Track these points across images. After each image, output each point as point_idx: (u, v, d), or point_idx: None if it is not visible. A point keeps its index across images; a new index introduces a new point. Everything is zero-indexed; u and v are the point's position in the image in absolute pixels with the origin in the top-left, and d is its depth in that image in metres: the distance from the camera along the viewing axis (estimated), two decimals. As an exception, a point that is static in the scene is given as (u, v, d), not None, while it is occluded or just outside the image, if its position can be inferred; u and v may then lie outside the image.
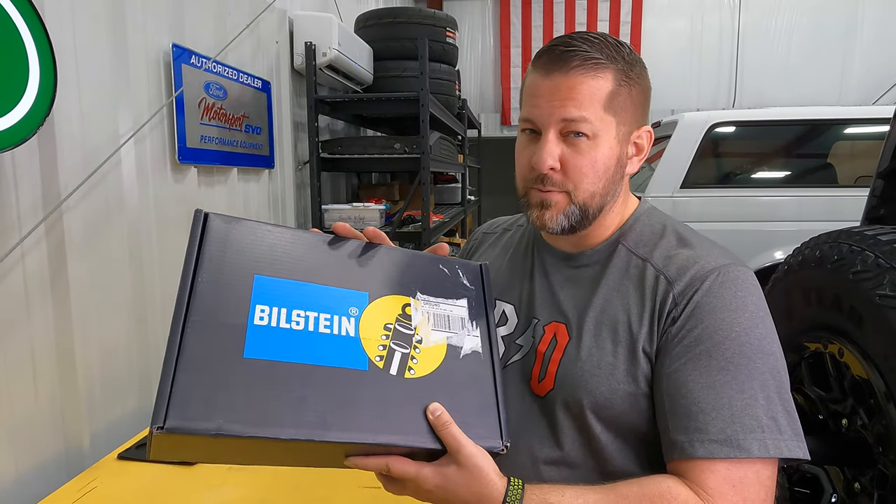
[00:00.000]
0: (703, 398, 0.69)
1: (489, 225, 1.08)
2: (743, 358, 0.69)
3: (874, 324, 1.29)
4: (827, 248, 1.51)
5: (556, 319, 0.82)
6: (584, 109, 0.73)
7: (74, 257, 1.56)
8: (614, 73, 0.75)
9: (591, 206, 0.78)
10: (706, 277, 0.73)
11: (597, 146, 0.75)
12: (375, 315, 0.71)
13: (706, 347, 0.70)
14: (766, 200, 3.57)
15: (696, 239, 0.81)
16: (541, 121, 0.76)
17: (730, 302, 0.72)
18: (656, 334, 0.74)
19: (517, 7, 7.08)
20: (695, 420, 0.68)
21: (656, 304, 0.75)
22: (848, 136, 3.77)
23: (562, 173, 0.76)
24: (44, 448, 1.50)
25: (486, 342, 0.77)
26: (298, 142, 3.14)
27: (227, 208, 2.38)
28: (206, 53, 2.14)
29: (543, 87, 0.76)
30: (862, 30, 6.54)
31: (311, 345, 0.65)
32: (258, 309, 0.65)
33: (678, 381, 0.71)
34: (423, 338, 0.72)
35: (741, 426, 0.67)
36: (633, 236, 0.83)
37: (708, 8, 6.82)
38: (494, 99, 7.37)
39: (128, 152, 1.76)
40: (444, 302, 0.77)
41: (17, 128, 1.30)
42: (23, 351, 1.44)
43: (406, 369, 0.69)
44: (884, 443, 1.29)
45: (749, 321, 0.71)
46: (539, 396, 0.81)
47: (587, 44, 0.75)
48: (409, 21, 3.52)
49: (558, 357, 0.79)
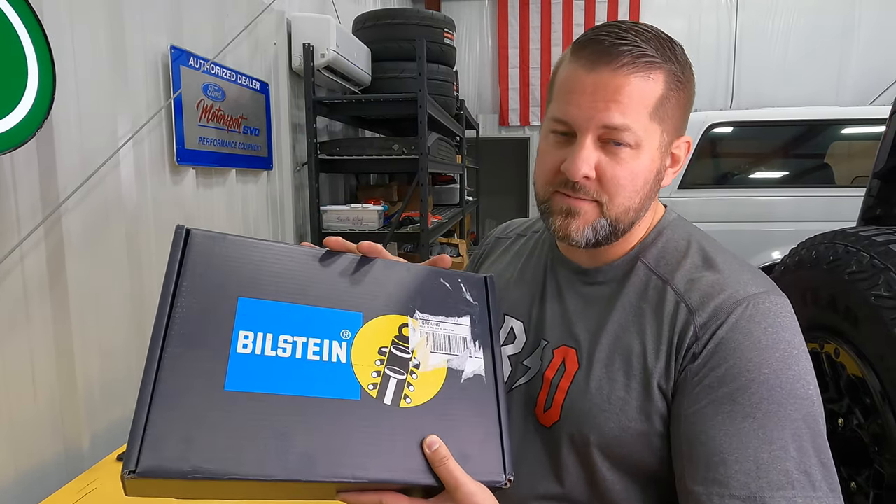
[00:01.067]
0: (725, 447, 0.61)
1: (503, 229, 1.00)
2: (772, 404, 0.61)
3: (870, 324, 1.30)
4: (823, 248, 1.52)
5: (567, 343, 0.75)
6: (629, 116, 0.64)
7: (73, 259, 1.56)
8: (666, 74, 0.66)
9: (623, 221, 0.70)
10: (733, 309, 0.65)
11: (638, 157, 0.67)
12: (370, 338, 0.66)
13: (730, 390, 0.62)
14: (764, 201, 3.58)
15: (724, 259, 0.71)
16: (578, 122, 0.66)
17: (759, 339, 0.63)
18: (674, 370, 0.66)
19: (515, 8, 7.09)
20: (714, 471, 0.60)
21: (674, 336, 0.67)
22: (845, 137, 3.78)
23: (596, 182, 0.67)
24: (43, 449, 1.51)
25: (490, 364, 0.70)
26: (297, 143, 3.14)
27: (226, 210, 2.39)
28: (205, 55, 2.14)
29: (586, 83, 0.65)
30: (859, 30, 6.56)
31: (298, 374, 0.60)
32: (241, 335, 0.60)
33: (697, 425, 0.63)
34: (421, 361, 0.67)
35: (767, 482, 0.58)
36: (655, 252, 0.74)
37: (705, 8, 6.83)
38: (492, 100, 7.37)
39: (126, 154, 1.77)
40: (445, 321, 0.71)
41: (16, 130, 1.30)
42: (22, 353, 1.44)
43: (402, 398, 0.64)
44: (879, 442, 1.30)
45: (780, 361, 0.62)
46: (544, 427, 0.74)
47: (640, 37, 0.65)
48: (407, 22, 3.53)
49: (566, 386, 0.72)
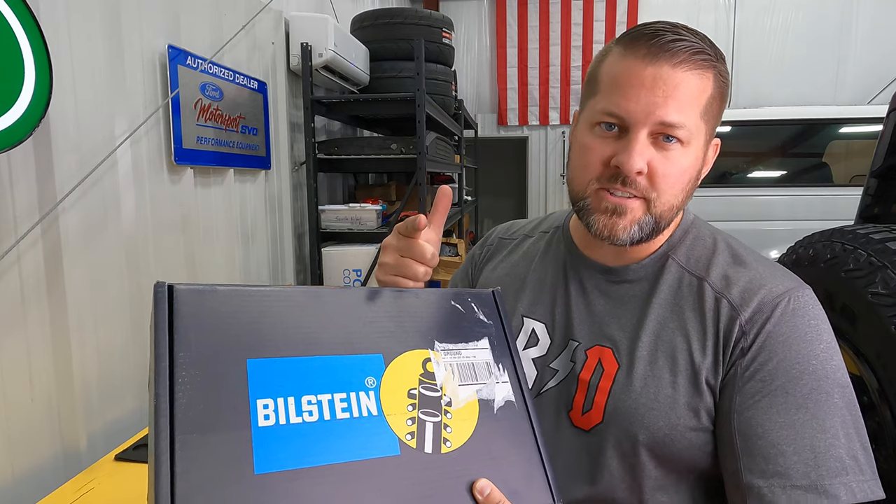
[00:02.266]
0: (782, 439, 0.62)
1: (506, 229, 0.98)
2: (822, 393, 0.63)
3: (866, 322, 1.30)
4: (820, 246, 1.52)
5: (601, 343, 0.73)
6: (684, 113, 0.64)
7: (71, 259, 1.56)
8: (715, 74, 0.67)
9: (666, 219, 0.70)
10: (776, 304, 0.66)
11: (687, 155, 0.67)
12: (396, 380, 0.60)
13: (782, 383, 0.64)
14: (762, 200, 3.58)
15: (751, 256, 0.73)
16: (634, 116, 0.65)
17: (805, 332, 0.65)
18: (722, 366, 0.67)
19: (513, 8, 7.09)
20: (774, 463, 0.62)
21: (720, 332, 0.67)
22: (843, 136, 3.79)
23: (647, 178, 0.67)
24: (40, 450, 1.50)
25: (517, 386, 0.67)
26: (295, 143, 3.14)
27: (224, 210, 2.38)
28: (202, 54, 2.14)
29: (644, 76, 0.64)
30: (857, 29, 6.57)
31: (331, 438, 0.54)
32: (260, 405, 0.53)
33: (753, 419, 0.64)
34: (452, 398, 0.62)
35: (826, 469, 0.61)
36: (684, 250, 0.75)
37: (703, 7, 6.84)
38: (491, 99, 7.37)
39: (124, 154, 1.76)
40: (466, 347, 0.67)
41: (13, 129, 1.30)
42: (19, 352, 1.44)
43: (442, 442, 0.59)
44: (876, 440, 1.30)
45: (825, 352, 0.65)
46: (581, 430, 0.73)
47: (695, 35, 0.66)
48: (406, 22, 3.53)
49: (607, 387, 0.71)
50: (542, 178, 7.44)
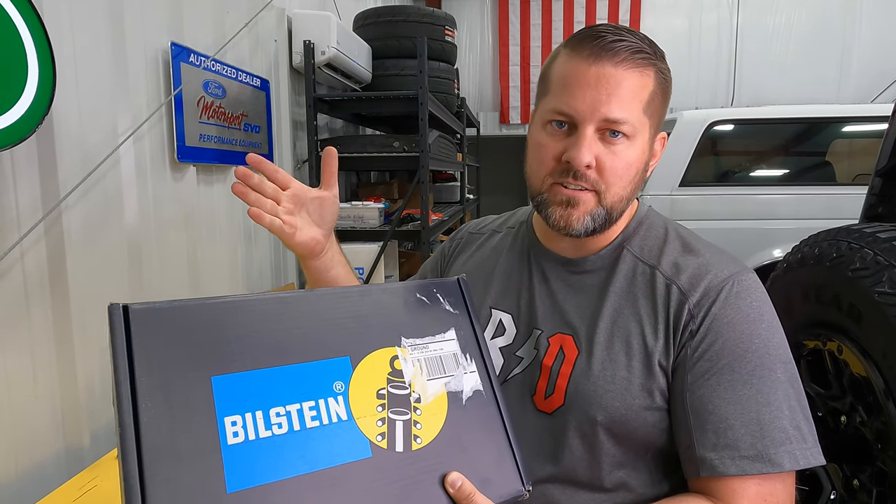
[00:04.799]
0: (730, 414, 0.67)
1: (475, 224, 1.02)
2: (765, 370, 0.68)
3: (873, 321, 1.29)
4: (826, 245, 1.51)
5: (562, 331, 0.78)
6: (627, 109, 0.69)
7: (74, 256, 1.56)
8: (656, 72, 0.71)
9: (617, 210, 0.74)
10: (721, 288, 0.71)
11: (632, 148, 0.71)
12: (364, 382, 0.60)
13: (728, 361, 0.69)
14: (765, 199, 3.57)
15: (700, 244, 0.78)
16: (581, 114, 0.69)
17: (747, 313, 0.70)
18: (673, 348, 0.71)
19: (516, 6, 7.07)
20: (724, 437, 0.67)
21: (670, 316, 0.72)
22: (846, 134, 3.77)
23: (596, 171, 0.71)
24: (43, 447, 1.50)
25: (484, 373, 0.69)
26: (297, 140, 3.14)
27: (227, 208, 2.38)
28: (205, 52, 2.14)
29: (589, 76, 0.68)
30: (860, 28, 6.54)
31: (302, 448, 0.54)
32: (228, 422, 0.52)
33: (703, 396, 0.69)
34: (421, 394, 0.63)
35: (771, 440, 0.66)
36: (638, 241, 0.79)
37: (706, 7, 6.81)
38: (493, 97, 7.36)
39: (127, 151, 1.76)
40: (433, 340, 0.67)
41: (16, 126, 1.30)
42: (23, 350, 1.43)
43: (412, 439, 0.60)
44: (883, 440, 1.30)
45: (766, 331, 0.70)
46: (544, 413, 0.77)
47: (635, 35, 0.70)
48: (408, 19, 3.51)
49: (568, 371, 0.75)
50: (544, 177, 7.42)
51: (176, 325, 0.54)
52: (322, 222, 0.87)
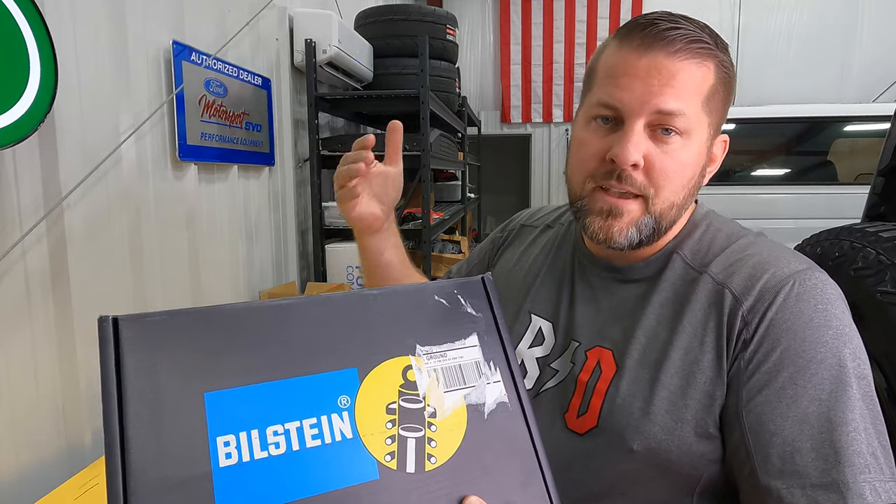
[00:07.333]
0: (796, 435, 0.57)
1: (529, 216, 0.93)
2: (835, 383, 0.57)
3: (875, 320, 1.29)
4: (828, 244, 1.51)
5: (601, 344, 0.70)
6: (683, 101, 0.61)
7: (75, 254, 1.56)
8: (717, 64, 0.63)
9: (667, 218, 0.65)
10: (780, 289, 0.61)
11: (687, 147, 0.63)
12: (372, 396, 0.55)
13: (790, 374, 0.58)
14: (767, 198, 3.57)
15: (763, 243, 0.68)
16: (629, 106, 0.62)
17: (811, 317, 0.59)
18: (725, 361, 0.61)
19: (517, 5, 7.07)
20: (790, 462, 0.56)
21: (723, 325, 0.62)
22: (848, 134, 3.77)
23: (643, 173, 0.63)
24: (45, 445, 1.50)
25: (511, 384, 0.60)
26: (299, 139, 3.14)
27: (228, 206, 2.38)
28: (207, 50, 2.14)
29: (639, 66, 0.61)
30: (862, 27, 6.54)
31: (301, 470, 0.50)
32: (220, 443, 0.48)
33: (762, 415, 0.58)
34: (437, 407, 0.56)
35: (849, 466, 0.55)
36: (691, 245, 0.70)
37: (708, 7, 6.81)
38: (494, 96, 7.36)
39: (128, 149, 1.76)
40: (452, 347, 0.60)
41: (18, 125, 1.30)
42: (24, 348, 1.44)
43: (426, 459, 0.54)
44: (884, 439, 1.30)
45: (836, 339, 0.59)
46: (575, 433, 0.69)
47: (693, 24, 0.63)
48: (410, 18, 3.51)
49: (603, 389, 0.67)
50: (545, 176, 7.43)
51: (170, 338, 0.51)
52: (384, 198, 0.84)
